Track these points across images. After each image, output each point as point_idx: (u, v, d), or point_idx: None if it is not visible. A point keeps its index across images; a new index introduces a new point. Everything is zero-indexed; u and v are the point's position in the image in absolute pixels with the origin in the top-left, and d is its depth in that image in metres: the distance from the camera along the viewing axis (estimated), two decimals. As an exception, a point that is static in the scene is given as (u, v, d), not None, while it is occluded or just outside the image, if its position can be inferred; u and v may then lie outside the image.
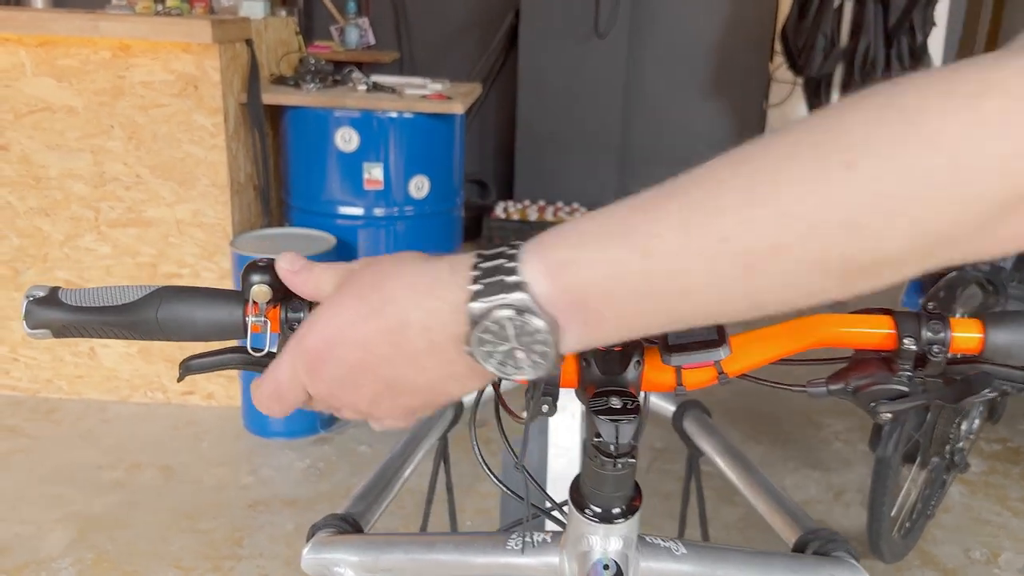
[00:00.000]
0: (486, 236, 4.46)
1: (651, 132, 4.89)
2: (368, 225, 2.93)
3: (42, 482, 2.49)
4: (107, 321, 0.68)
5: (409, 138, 2.86)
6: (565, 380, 0.68)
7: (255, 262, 0.68)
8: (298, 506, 2.42)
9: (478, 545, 0.84)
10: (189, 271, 2.81)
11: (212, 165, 2.70)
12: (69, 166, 2.71)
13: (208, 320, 0.69)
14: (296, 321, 0.70)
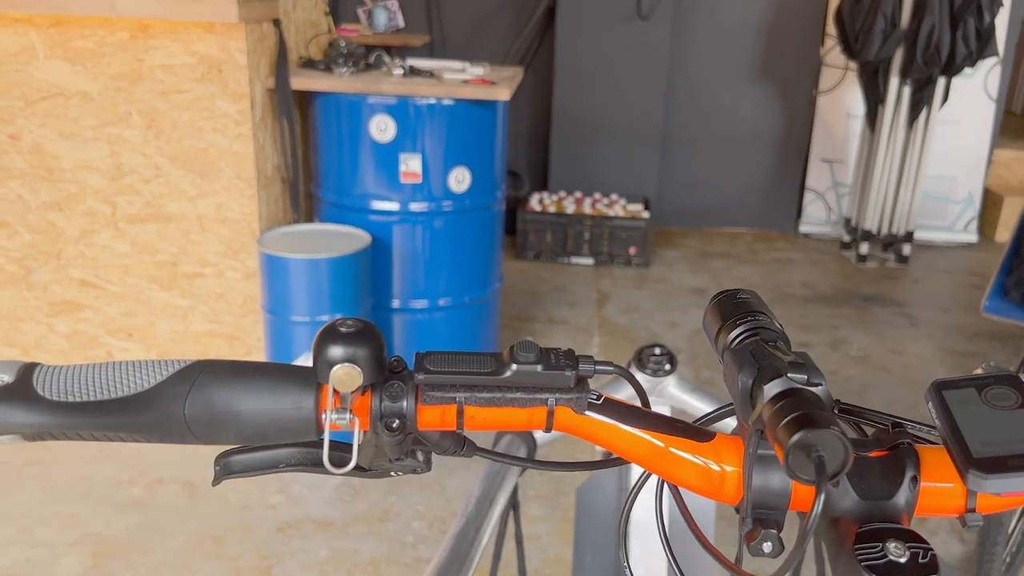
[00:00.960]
0: (520, 231, 4.24)
1: (695, 119, 4.64)
2: (404, 221, 2.71)
3: (57, 500, 2.30)
4: (109, 424, 0.47)
5: (449, 127, 2.64)
6: (796, 501, 0.47)
7: (334, 327, 0.47)
8: (332, 530, 2.22)
9: None
10: (212, 270, 2.61)
11: (237, 156, 2.49)
12: (84, 157, 2.51)
13: (263, 416, 0.47)
14: (397, 416, 0.48)
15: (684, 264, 4.34)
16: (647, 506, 1.22)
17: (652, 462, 0.50)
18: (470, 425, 0.49)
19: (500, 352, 0.50)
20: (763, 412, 0.44)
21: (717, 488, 0.48)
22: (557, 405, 0.49)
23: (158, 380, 0.47)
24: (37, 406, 0.47)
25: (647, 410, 0.51)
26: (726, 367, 0.49)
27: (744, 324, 0.50)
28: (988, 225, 4.89)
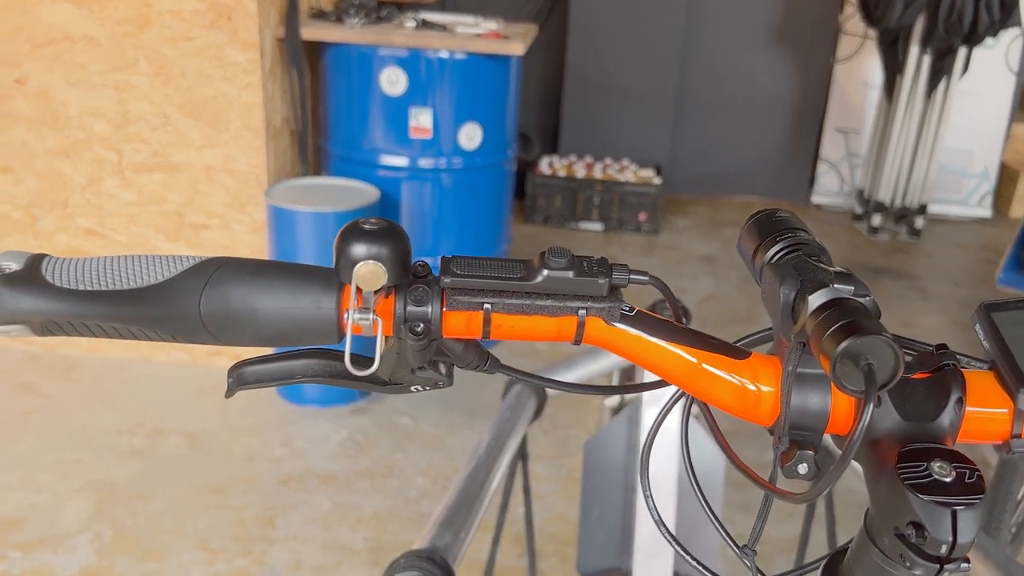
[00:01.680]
0: (529, 194, 4.20)
1: (709, 84, 4.57)
2: (412, 178, 2.68)
3: (59, 447, 2.30)
4: (120, 315, 0.44)
5: (462, 82, 2.59)
6: (835, 423, 0.44)
7: (357, 224, 0.44)
8: (335, 484, 2.22)
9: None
10: (218, 222, 2.58)
11: (246, 106, 2.45)
12: (91, 103, 2.47)
13: (282, 315, 0.45)
14: (422, 321, 0.46)
15: (694, 232, 4.30)
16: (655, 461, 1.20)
17: (684, 379, 0.47)
18: (496, 334, 0.47)
19: (530, 259, 0.47)
20: (806, 324, 0.41)
21: (752, 407, 0.46)
22: (588, 315, 0.46)
23: (172, 274, 0.45)
24: (46, 293, 0.44)
25: (681, 325, 0.48)
26: (765, 283, 0.46)
27: (784, 240, 0.47)
28: (1003, 200, 4.83)
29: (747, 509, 2.10)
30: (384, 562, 1.97)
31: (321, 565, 1.94)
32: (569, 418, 2.51)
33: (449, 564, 0.77)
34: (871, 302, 0.41)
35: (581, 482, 1.36)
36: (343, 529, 2.06)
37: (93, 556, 1.92)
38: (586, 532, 1.37)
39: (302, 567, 1.93)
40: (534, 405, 1.23)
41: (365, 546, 2.01)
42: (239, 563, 1.92)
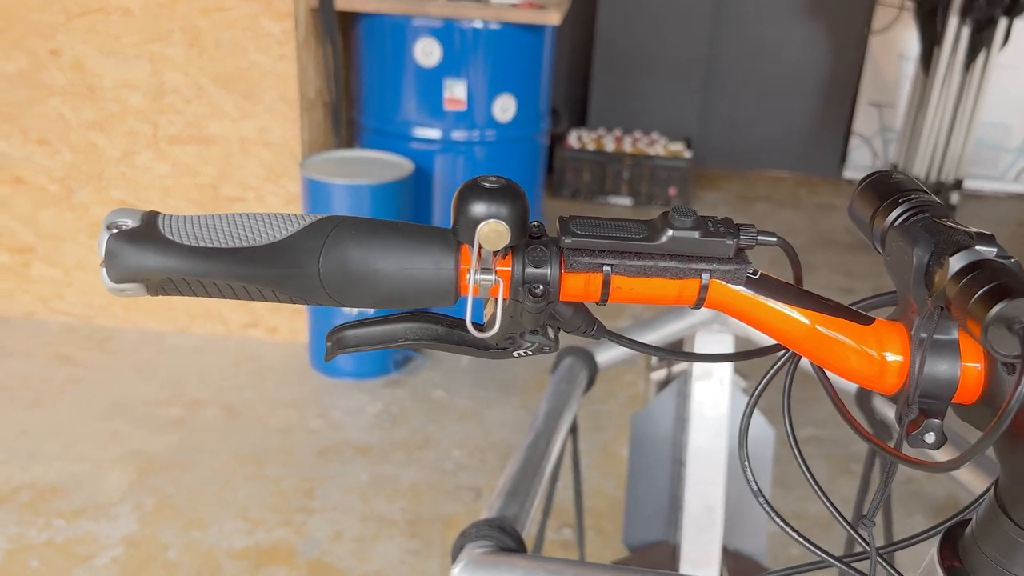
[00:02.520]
0: (558, 168, 4.16)
1: (740, 56, 4.50)
2: (445, 150, 2.66)
3: (98, 417, 2.32)
4: (241, 273, 0.43)
5: (496, 52, 2.56)
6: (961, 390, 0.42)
7: (477, 183, 0.43)
8: (372, 455, 2.22)
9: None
10: (253, 194, 2.57)
11: (280, 77, 2.44)
12: (125, 75, 2.47)
13: (400, 276, 0.44)
14: (541, 282, 0.44)
15: (725, 207, 4.25)
16: (705, 435, 1.19)
17: (808, 345, 0.45)
18: (615, 297, 0.45)
19: (651, 219, 0.46)
20: (947, 288, 0.39)
21: (877, 375, 0.44)
22: (712, 278, 0.45)
23: (289, 232, 0.44)
24: (168, 250, 0.43)
25: (804, 289, 0.47)
26: (891, 247, 0.44)
27: (908, 201, 0.45)
28: (1040, 176, 4.74)
29: (783, 485, 2.08)
30: (423, 533, 1.98)
31: (360, 535, 1.95)
32: (602, 392, 2.50)
33: (518, 532, 0.77)
34: (1016, 264, 0.40)
35: (628, 455, 1.35)
36: (380, 500, 2.07)
37: (136, 524, 1.94)
38: (633, 505, 1.36)
39: (341, 538, 1.94)
40: (586, 378, 1.22)
41: (403, 517, 2.02)
42: (279, 533, 1.94)
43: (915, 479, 2.17)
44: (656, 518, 1.35)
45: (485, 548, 0.72)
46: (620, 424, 2.38)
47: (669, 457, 1.33)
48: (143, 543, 1.89)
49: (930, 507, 2.10)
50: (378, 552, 1.91)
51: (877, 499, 0.47)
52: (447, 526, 2.00)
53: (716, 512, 1.17)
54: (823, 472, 2.19)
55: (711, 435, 1.18)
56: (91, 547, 1.87)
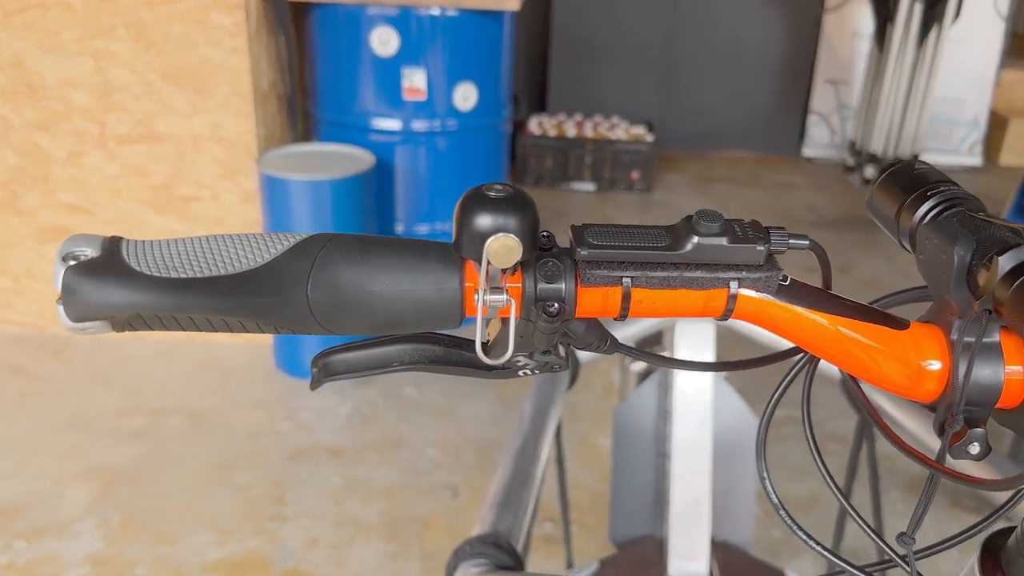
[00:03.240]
0: (520, 155, 4.12)
1: (698, 38, 4.49)
2: (406, 141, 2.60)
3: (57, 430, 2.23)
4: (221, 306, 0.38)
5: (455, 39, 2.51)
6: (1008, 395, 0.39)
7: (481, 192, 0.38)
8: (344, 457, 2.17)
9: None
10: (208, 193, 2.49)
11: (232, 71, 2.35)
12: (68, 73, 2.36)
13: (399, 299, 0.39)
14: (556, 299, 0.40)
15: (687, 189, 4.25)
16: (689, 426, 1.16)
17: (840, 354, 0.42)
18: (636, 311, 0.41)
19: (672, 225, 0.42)
20: (996, 289, 0.36)
21: (914, 383, 0.41)
22: (741, 287, 0.41)
23: (272, 255, 0.39)
24: (135, 283, 0.38)
25: (835, 294, 0.43)
26: (924, 245, 0.41)
27: (938, 194, 0.41)
28: (992, 148, 4.81)
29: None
30: (400, 535, 1.94)
31: (336, 541, 1.90)
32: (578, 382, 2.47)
33: (514, 547, 0.73)
34: None
35: (611, 450, 1.32)
36: (355, 503, 2.02)
37: (100, 542, 1.87)
38: (618, 500, 1.33)
39: (317, 544, 1.89)
40: (568, 375, 1.19)
41: (379, 520, 1.97)
42: (252, 543, 1.88)
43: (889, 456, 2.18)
44: (642, 512, 1.33)
45: (481, 567, 0.69)
46: (597, 414, 2.36)
47: (653, 450, 1.30)
48: (109, 561, 1.82)
49: (905, 483, 2.11)
50: (355, 557, 1.86)
51: (918, 515, 0.44)
52: (425, 527, 1.96)
53: (703, 504, 1.15)
54: (801, 455, 2.18)
55: (695, 426, 1.15)
56: (54, 568, 1.80)
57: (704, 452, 1.14)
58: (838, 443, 2.04)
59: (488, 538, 0.72)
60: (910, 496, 2.06)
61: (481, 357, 0.40)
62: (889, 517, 2.00)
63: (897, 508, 2.03)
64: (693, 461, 1.14)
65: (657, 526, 1.28)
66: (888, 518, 1.99)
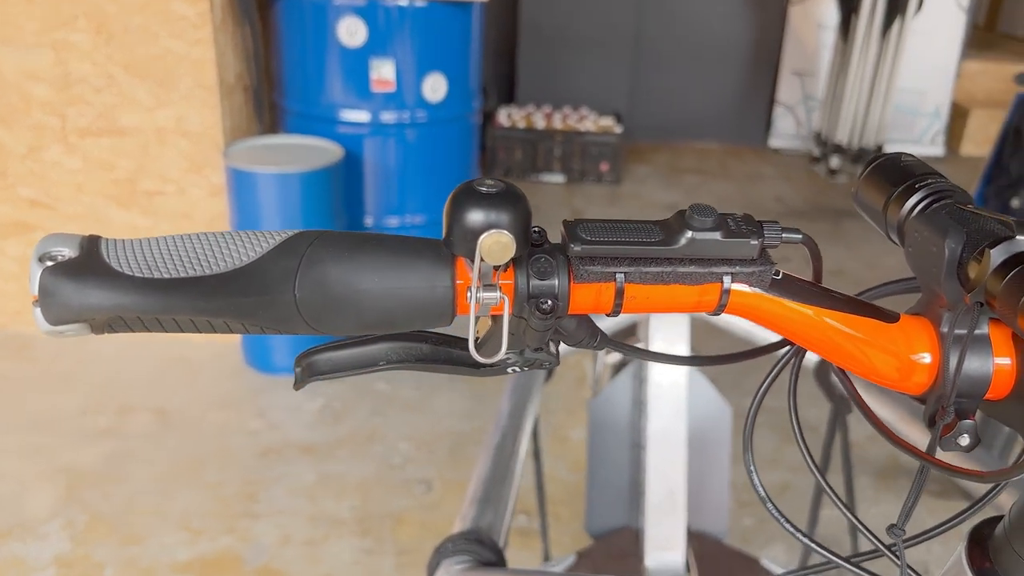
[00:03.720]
0: (489, 147, 4.10)
1: (666, 29, 4.50)
2: (375, 133, 2.57)
3: (20, 430, 2.18)
4: (206, 307, 0.37)
5: (424, 30, 2.48)
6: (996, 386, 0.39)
7: (472, 187, 0.37)
8: (316, 453, 2.15)
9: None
10: (174, 187, 2.45)
11: (197, 63, 2.31)
12: (27, 65, 2.30)
13: (389, 297, 0.38)
14: (549, 296, 0.39)
15: (655, 180, 4.26)
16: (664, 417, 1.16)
17: (831, 348, 0.42)
18: (629, 307, 0.41)
19: (665, 219, 0.41)
20: (988, 283, 0.36)
21: (904, 376, 0.41)
22: (735, 282, 0.41)
23: (258, 254, 0.38)
24: (117, 284, 0.37)
25: (826, 288, 0.43)
26: (913, 238, 0.41)
27: (926, 186, 0.41)
28: (954, 138, 4.89)
29: (740, 457, 2.09)
30: (374, 531, 1.92)
31: (310, 538, 1.88)
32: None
33: (496, 543, 0.72)
34: None
35: (587, 442, 1.33)
36: (328, 500, 2.00)
37: (67, 543, 1.83)
38: (594, 492, 1.33)
39: (290, 541, 1.87)
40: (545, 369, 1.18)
41: (352, 515, 1.96)
42: (224, 541, 1.86)
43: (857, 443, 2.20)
44: (618, 504, 1.33)
45: (464, 564, 0.68)
46: (569, 406, 2.36)
47: (628, 442, 1.30)
48: (76, 563, 1.78)
49: (875, 470, 2.14)
50: (329, 554, 1.85)
51: (908, 506, 0.44)
52: (399, 522, 1.95)
53: (678, 495, 1.15)
54: (770, 443, 2.21)
55: (670, 417, 1.16)
56: (20, 570, 1.76)
57: (679, 443, 1.14)
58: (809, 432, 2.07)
59: (470, 535, 0.71)
60: (880, 483, 2.09)
61: (474, 356, 0.40)
62: (860, 504, 2.03)
63: (867, 495, 2.06)
64: (668, 452, 1.15)
65: (633, 517, 1.28)
66: (859, 504, 2.01)
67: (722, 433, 1.29)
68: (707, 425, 1.28)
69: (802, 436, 0.48)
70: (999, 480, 0.37)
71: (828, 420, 1.28)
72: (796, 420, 0.49)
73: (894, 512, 1.25)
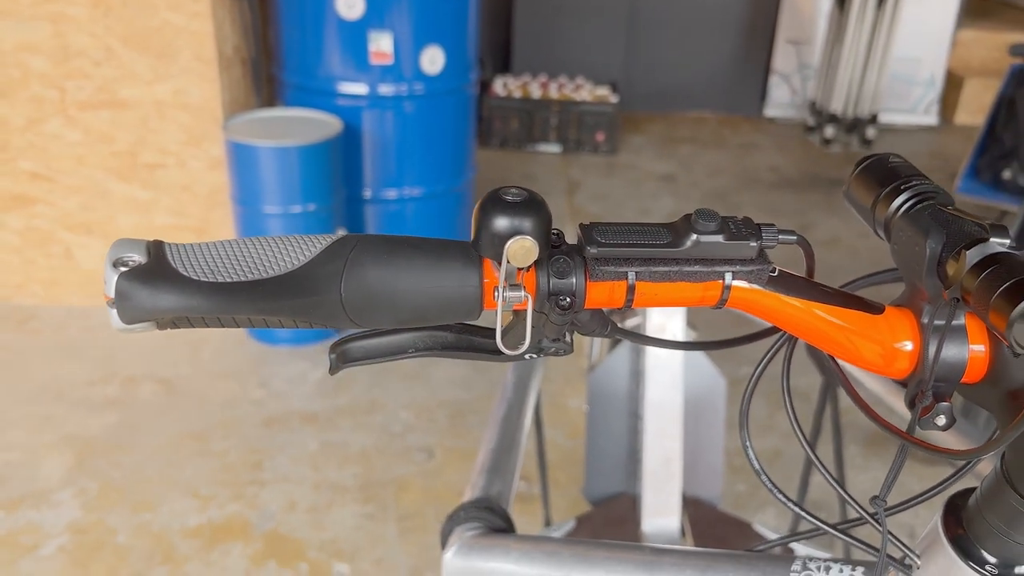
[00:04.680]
0: (485, 117, 4.11)
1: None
2: (373, 106, 2.58)
3: (27, 401, 2.22)
4: (264, 307, 0.41)
5: (421, 3, 2.49)
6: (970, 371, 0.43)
7: (499, 196, 0.41)
8: (319, 423, 2.20)
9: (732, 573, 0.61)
10: (174, 160, 2.47)
11: (195, 35, 2.32)
12: (25, 38, 2.31)
13: (423, 295, 0.42)
14: (568, 294, 0.43)
15: (651, 150, 4.28)
16: (660, 388, 1.21)
17: (822, 337, 0.46)
18: (639, 302, 0.45)
19: (672, 222, 0.45)
20: (964, 281, 0.39)
21: (888, 362, 0.44)
22: (735, 280, 0.44)
23: (308, 258, 0.42)
24: (185, 288, 0.40)
25: (818, 283, 0.47)
26: (898, 236, 0.44)
27: (911, 188, 0.45)
28: (948, 107, 4.91)
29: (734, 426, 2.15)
30: (377, 498, 1.98)
31: (314, 504, 1.94)
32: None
33: (505, 510, 0.77)
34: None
35: (587, 410, 1.37)
36: (331, 468, 2.05)
37: (80, 511, 1.88)
38: (593, 460, 1.38)
39: (296, 508, 1.92)
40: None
41: (355, 483, 2.01)
42: (232, 508, 1.91)
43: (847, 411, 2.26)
44: (616, 471, 1.38)
45: (475, 530, 0.72)
46: (567, 376, 2.41)
47: (626, 411, 1.35)
48: (90, 529, 1.83)
49: (863, 437, 2.20)
50: (333, 519, 1.90)
51: (889, 480, 0.48)
52: (401, 488, 2.00)
53: (674, 463, 1.20)
54: (762, 411, 2.26)
55: (666, 388, 1.20)
56: (35, 537, 1.81)
57: (675, 413, 1.19)
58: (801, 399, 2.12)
59: (480, 502, 0.75)
60: (868, 451, 2.15)
61: (501, 347, 0.44)
62: (850, 471, 2.09)
63: (857, 463, 2.12)
64: (665, 422, 1.19)
65: (631, 484, 1.33)
66: (848, 471, 2.08)
67: (716, 403, 1.34)
68: (702, 395, 1.32)
69: (796, 419, 0.52)
70: (969, 458, 0.41)
71: (819, 392, 1.32)
72: (790, 403, 0.52)
73: (881, 478, 1.29)
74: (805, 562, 0.58)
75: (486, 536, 0.71)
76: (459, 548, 0.70)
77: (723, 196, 3.64)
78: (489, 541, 0.71)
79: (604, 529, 1.30)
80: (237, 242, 0.43)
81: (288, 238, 0.43)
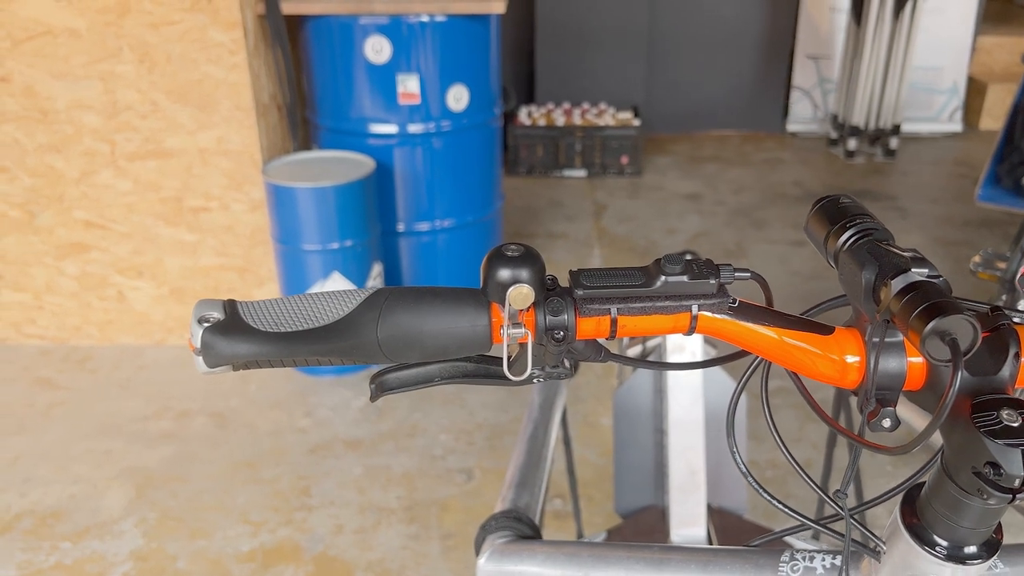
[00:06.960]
0: (511, 146, 4.22)
1: (679, 19, 4.58)
2: (403, 143, 2.71)
3: (88, 437, 2.36)
4: (317, 350, 0.51)
5: (445, 44, 2.61)
6: (908, 381, 0.52)
7: (501, 252, 0.51)
8: (362, 448, 2.30)
9: (730, 566, 0.69)
10: (217, 203, 2.61)
11: (234, 86, 2.46)
12: (77, 96, 2.47)
13: (443, 334, 0.52)
14: (561, 328, 0.53)
15: (676, 170, 4.36)
16: (682, 404, 1.29)
17: (781, 356, 0.54)
18: (621, 332, 0.54)
19: (645, 266, 0.54)
20: (891, 305, 0.48)
21: (839, 375, 0.53)
22: (700, 311, 0.53)
23: (351, 308, 0.51)
24: (255, 338, 0.51)
25: (774, 310, 0.55)
26: (843, 267, 0.53)
27: (854, 226, 0.54)
28: (972, 113, 4.93)
29: (755, 438, 2.21)
30: (421, 518, 2.07)
31: (361, 526, 2.03)
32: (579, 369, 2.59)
33: (533, 520, 0.85)
34: (943, 282, 0.49)
35: (613, 429, 1.45)
36: (376, 490, 2.15)
37: (141, 539, 2.00)
38: (621, 475, 1.46)
39: (343, 530, 2.02)
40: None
41: (400, 504, 2.11)
42: (283, 532, 2.01)
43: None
44: (644, 485, 1.45)
45: (506, 538, 0.81)
46: (597, 395, 2.49)
47: (651, 427, 1.42)
48: (151, 556, 1.95)
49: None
50: (380, 540, 1.99)
51: (848, 475, 0.56)
52: (443, 509, 2.09)
53: (699, 475, 1.27)
54: (792, 421, 2.32)
55: (688, 404, 1.28)
56: (101, 566, 1.93)
57: (697, 427, 1.27)
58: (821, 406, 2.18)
59: (510, 513, 0.84)
60: (898, 459, 2.20)
61: (507, 375, 0.53)
62: (879, 477, 2.14)
63: (887, 470, 2.16)
64: (688, 436, 1.27)
65: (658, 497, 1.41)
66: (878, 478, 2.12)
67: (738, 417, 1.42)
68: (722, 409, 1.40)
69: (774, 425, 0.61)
70: (897, 454, 0.49)
71: (833, 400, 1.39)
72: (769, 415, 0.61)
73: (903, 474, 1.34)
74: (793, 553, 0.66)
75: (515, 543, 0.80)
76: (491, 554, 0.79)
77: (748, 212, 3.71)
78: (517, 547, 0.79)
79: (634, 540, 1.37)
80: (294, 299, 0.53)
81: (333, 293, 0.53)
